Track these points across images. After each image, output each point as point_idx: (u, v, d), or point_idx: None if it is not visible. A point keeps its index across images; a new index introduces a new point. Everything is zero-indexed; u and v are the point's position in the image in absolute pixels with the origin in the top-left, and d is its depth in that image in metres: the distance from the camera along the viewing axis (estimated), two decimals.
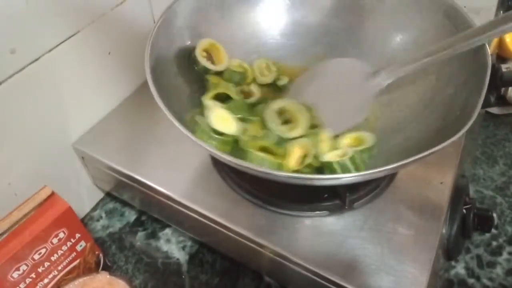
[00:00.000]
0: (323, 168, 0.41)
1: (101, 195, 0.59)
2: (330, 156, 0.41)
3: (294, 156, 0.41)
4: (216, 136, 0.41)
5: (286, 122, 0.45)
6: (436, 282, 0.45)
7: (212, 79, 0.47)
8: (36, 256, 0.43)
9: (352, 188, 0.43)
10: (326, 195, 0.44)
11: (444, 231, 0.43)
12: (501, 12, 0.60)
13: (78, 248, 0.47)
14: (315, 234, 0.42)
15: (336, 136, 0.44)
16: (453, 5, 0.45)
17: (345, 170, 0.39)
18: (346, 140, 0.44)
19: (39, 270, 0.44)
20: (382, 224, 0.42)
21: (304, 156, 0.41)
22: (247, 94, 0.49)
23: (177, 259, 0.52)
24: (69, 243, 0.46)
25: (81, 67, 0.50)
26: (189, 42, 0.49)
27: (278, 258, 0.42)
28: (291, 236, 0.42)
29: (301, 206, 0.44)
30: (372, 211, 0.44)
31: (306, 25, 0.54)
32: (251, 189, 0.45)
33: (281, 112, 0.45)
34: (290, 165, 0.40)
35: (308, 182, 0.36)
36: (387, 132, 0.45)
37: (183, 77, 0.47)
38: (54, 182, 0.48)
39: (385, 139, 0.45)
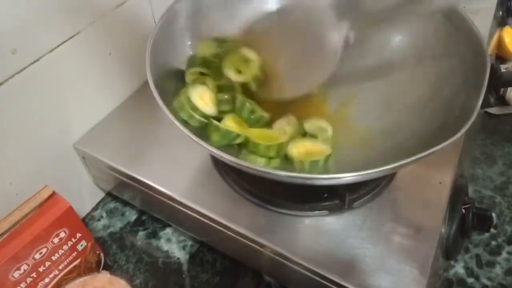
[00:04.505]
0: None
1: (102, 194, 0.59)
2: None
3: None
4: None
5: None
6: (436, 281, 0.45)
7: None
8: (37, 256, 0.43)
9: (352, 187, 0.43)
10: (325, 195, 0.44)
11: (443, 230, 0.43)
12: (501, 12, 0.60)
13: (79, 247, 0.47)
14: (315, 234, 0.42)
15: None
16: (452, 6, 0.45)
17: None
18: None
19: (40, 269, 0.44)
20: (382, 224, 0.43)
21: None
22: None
23: (178, 258, 0.52)
24: (70, 243, 0.46)
25: (82, 68, 0.50)
26: (190, 42, 0.49)
27: (278, 258, 0.42)
28: (291, 235, 0.42)
29: (301, 206, 0.44)
30: (372, 210, 0.44)
31: None
32: (251, 188, 0.45)
33: None
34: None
35: (308, 182, 0.36)
36: (386, 132, 0.46)
37: (184, 77, 0.47)
38: (55, 182, 0.48)
39: (384, 139, 0.45)
